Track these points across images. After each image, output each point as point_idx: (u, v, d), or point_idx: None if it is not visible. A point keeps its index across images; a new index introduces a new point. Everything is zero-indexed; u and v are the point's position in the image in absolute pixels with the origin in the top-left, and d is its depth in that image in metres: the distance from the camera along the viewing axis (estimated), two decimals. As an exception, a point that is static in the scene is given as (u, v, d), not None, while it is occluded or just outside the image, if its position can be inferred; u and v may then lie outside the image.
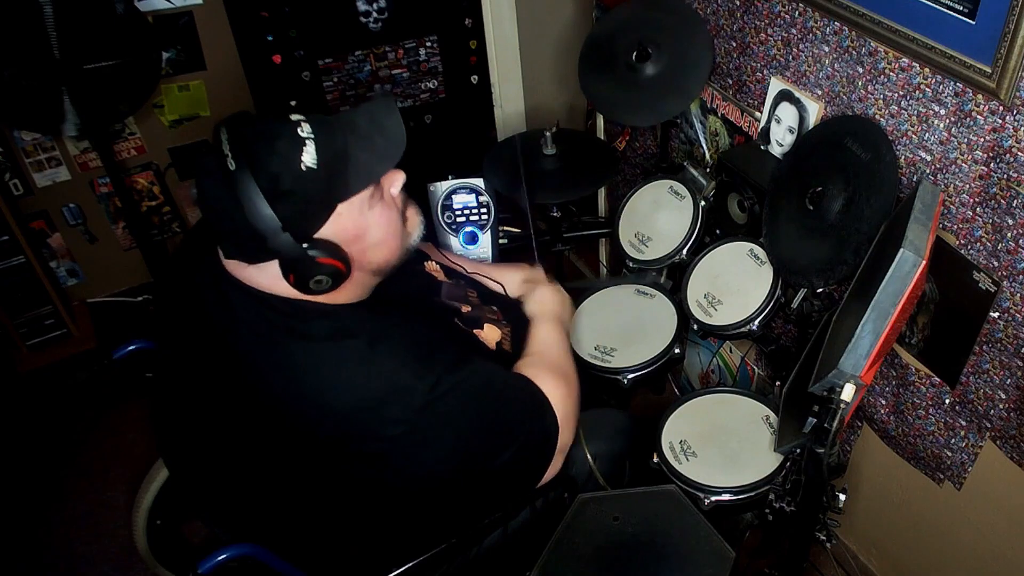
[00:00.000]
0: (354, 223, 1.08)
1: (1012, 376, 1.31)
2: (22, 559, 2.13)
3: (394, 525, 1.24)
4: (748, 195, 1.66)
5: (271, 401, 1.08)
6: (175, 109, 2.54)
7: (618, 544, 1.28)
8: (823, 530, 1.42)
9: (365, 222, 1.09)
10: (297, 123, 1.02)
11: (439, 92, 2.72)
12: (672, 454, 1.55)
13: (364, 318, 1.13)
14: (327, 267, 1.04)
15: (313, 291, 1.05)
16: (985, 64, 1.15)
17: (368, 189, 1.08)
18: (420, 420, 1.08)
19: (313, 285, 1.05)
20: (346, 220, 1.07)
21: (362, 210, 1.08)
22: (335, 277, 1.06)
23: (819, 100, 1.53)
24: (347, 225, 1.07)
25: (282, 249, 1.00)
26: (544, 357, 1.34)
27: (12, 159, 2.40)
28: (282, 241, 1.00)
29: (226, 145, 0.99)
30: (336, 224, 1.06)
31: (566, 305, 1.53)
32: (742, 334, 1.62)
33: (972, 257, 1.29)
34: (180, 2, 2.36)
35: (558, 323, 1.45)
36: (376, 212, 1.11)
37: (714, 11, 1.76)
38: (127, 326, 2.74)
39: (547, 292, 1.50)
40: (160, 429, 1.31)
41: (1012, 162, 1.17)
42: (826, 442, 1.12)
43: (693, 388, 2.29)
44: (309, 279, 1.04)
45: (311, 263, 1.02)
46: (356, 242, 1.09)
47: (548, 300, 1.49)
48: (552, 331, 1.42)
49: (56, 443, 2.42)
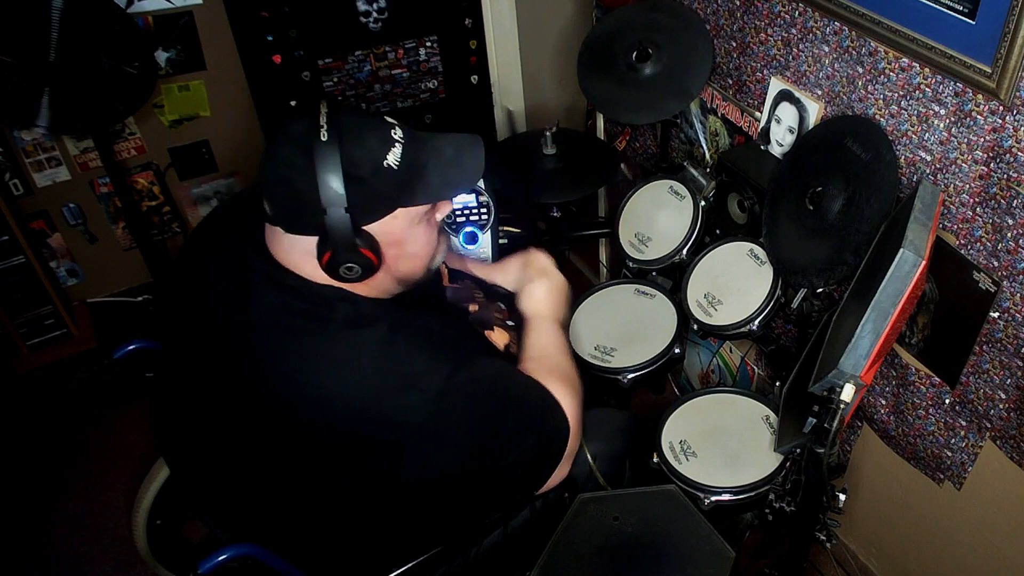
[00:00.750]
0: (401, 230, 1.14)
1: (1012, 376, 1.31)
2: (22, 559, 2.13)
3: (397, 524, 1.24)
4: (748, 195, 1.66)
5: (282, 392, 1.08)
6: (175, 109, 2.54)
7: (618, 544, 1.28)
8: (823, 530, 1.42)
9: (411, 233, 1.16)
10: (392, 126, 1.11)
11: (439, 92, 2.72)
12: (672, 454, 1.55)
13: (384, 308, 1.17)
14: (363, 257, 1.09)
15: (340, 276, 1.10)
16: (985, 64, 1.15)
17: (427, 206, 1.16)
18: (436, 409, 1.09)
19: (343, 271, 1.09)
20: (397, 224, 1.13)
21: (413, 222, 1.15)
22: (366, 269, 1.10)
23: (819, 100, 1.53)
24: (395, 229, 1.13)
25: (333, 227, 1.05)
26: (547, 363, 1.33)
27: (12, 159, 2.40)
28: (337, 219, 1.04)
29: (324, 118, 1.04)
30: (388, 224, 1.12)
31: (562, 297, 1.48)
32: (742, 334, 1.62)
33: (972, 257, 1.29)
34: (180, 2, 2.36)
35: (554, 322, 1.43)
36: (422, 228, 1.17)
37: (714, 11, 1.76)
38: (127, 326, 2.74)
39: (541, 287, 1.46)
40: (160, 428, 1.31)
41: (1012, 162, 1.17)
42: (826, 442, 1.12)
43: (693, 388, 2.30)
44: (342, 263, 1.08)
45: (353, 248, 1.07)
46: (396, 247, 1.14)
47: (542, 296, 1.45)
48: (549, 332, 1.40)
49: (56, 443, 2.42)
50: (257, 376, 1.09)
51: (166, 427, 1.30)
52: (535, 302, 1.45)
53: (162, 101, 2.50)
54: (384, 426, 1.08)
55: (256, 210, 1.14)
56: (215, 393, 1.15)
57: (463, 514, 1.31)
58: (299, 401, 1.08)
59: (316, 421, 1.09)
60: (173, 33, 2.40)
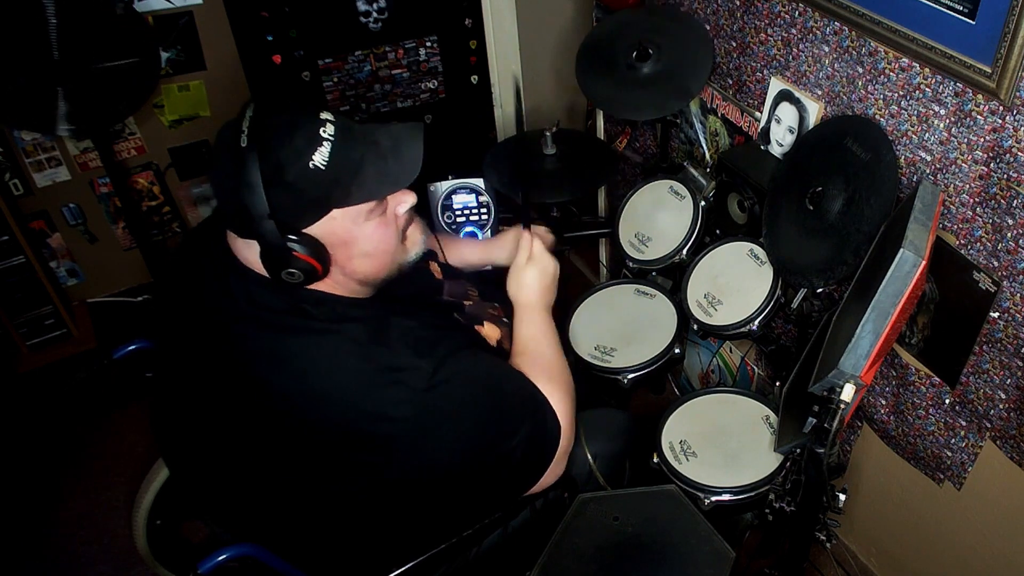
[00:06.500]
0: (345, 230, 1.09)
1: (1012, 376, 1.31)
2: (22, 558, 2.13)
3: (394, 523, 1.24)
4: (748, 195, 1.66)
5: (272, 392, 1.08)
6: (175, 109, 2.54)
7: (618, 544, 1.28)
8: (823, 530, 1.42)
9: (358, 232, 1.10)
10: (323, 122, 1.04)
11: (439, 92, 2.72)
12: (672, 454, 1.55)
13: (366, 307, 1.16)
14: (302, 263, 1.05)
15: (285, 281, 1.07)
16: (985, 64, 1.15)
17: (370, 204, 1.10)
18: (426, 401, 1.09)
19: (285, 276, 1.06)
20: (337, 225, 1.08)
21: (356, 220, 1.09)
22: (308, 274, 1.07)
23: (819, 100, 1.53)
24: (337, 229, 1.08)
25: (264, 234, 1.02)
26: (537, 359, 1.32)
27: (12, 159, 2.40)
28: (266, 227, 1.01)
29: (246, 122, 1.01)
30: (326, 226, 1.07)
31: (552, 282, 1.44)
32: (742, 334, 1.62)
33: (972, 257, 1.29)
34: (180, 2, 2.36)
35: (543, 310, 1.40)
36: (371, 225, 1.12)
37: (714, 11, 1.76)
38: (127, 326, 2.74)
39: (529, 275, 1.42)
40: (159, 427, 1.31)
41: (1012, 162, 1.17)
42: (826, 442, 1.12)
43: (693, 388, 2.30)
44: (282, 269, 1.05)
45: (287, 255, 1.04)
46: (343, 247, 1.10)
47: (530, 284, 1.41)
48: (539, 323, 1.38)
49: (56, 443, 2.42)
50: (247, 375, 1.09)
51: (165, 427, 1.30)
52: (525, 290, 1.41)
53: (162, 101, 2.50)
54: (374, 421, 1.08)
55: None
56: (211, 393, 1.15)
57: (459, 511, 1.31)
58: (289, 399, 1.08)
59: (307, 418, 1.09)
60: (173, 33, 2.40)
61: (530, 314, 1.40)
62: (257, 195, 0.99)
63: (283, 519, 1.21)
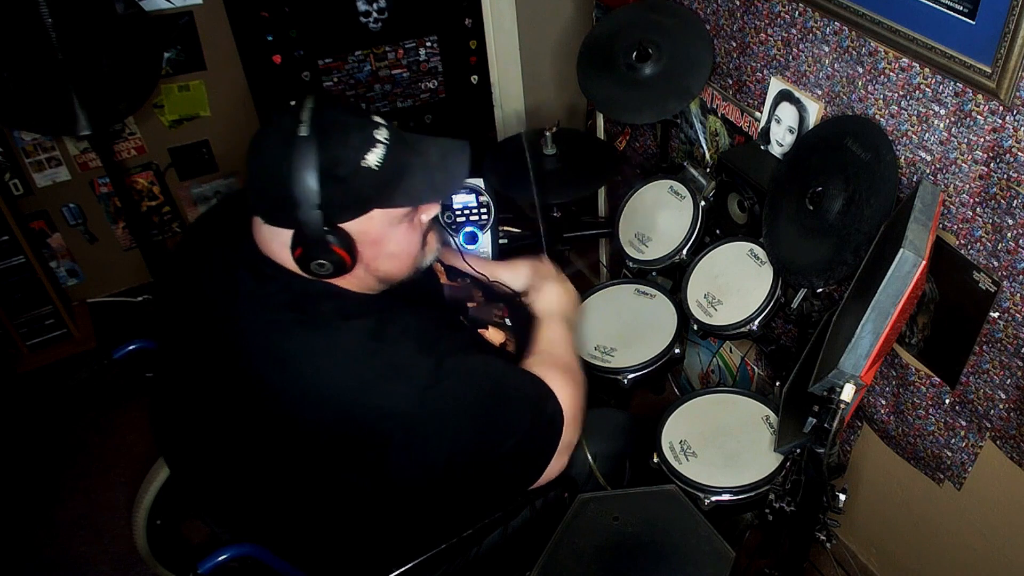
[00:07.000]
0: (378, 230, 1.12)
1: (1012, 376, 1.31)
2: (22, 558, 2.13)
3: (394, 522, 1.24)
4: (748, 195, 1.66)
5: (273, 387, 1.09)
6: (175, 109, 2.54)
7: (618, 544, 1.28)
8: (823, 530, 1.42)
9: (389, 234, 1.14)
10: (377, 125, 1.09)
11: (439, 92, 2.72)
12: (672, 454, 1.55)
13: (371, 303, 1.17)
14: (335, 255, 1.08)
15: (312, 272, 1.09)
16: (985, 64, 1.15)
17: (407, 208, 1.14)
18: (425, 398, 1.09)
19: (315, 267, 1.08)
20: (374, 224, 1.11)
21: (391, 222, 1.13)
22: (338, 267, 1.09)
23: (819, 100, 1.53)
24: (371, 229, 1.11)
25: (306, 223, 1.04)
26: (551, 355, 1.34)
27: (12, 159, 2.40)
28: (310, 216, 1.03)
29: (307, 112, 1.03)
30: (363, 224, 1.10)
31: (573, 302, 1.52)
32: (742, 334, 1.62)
33: (972, 257, 1.29)
34: (180, 2, 2.36)
35: (564, 321, 1.45)
36: (401, 229, 1.15)
37: (714, 11, 1.76)
38: (127, 326, 2.74)
39: (554, 289, 1.50)
40: (159, 427, 1.31)
41: (1012, 162, 1.17)
42: (826, 442, 1.12)
43: (693, 388, 2.30)
44: (313, 259, 1.07)
45: (324, 246, 1.06)
46: (372, 246, 1.13)
47: (555, 298, 1.48)
48: (558, 329, 1.42)
49: (56, 443, 2.42)
50: (247, 370, 1.10)
51: (165, 427, 1.30)
52: (551, 301, 1.47)
53: (162, 101, 2.50)
54: (374, 417, 1.08)
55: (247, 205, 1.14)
56: (211, 391, 1.16)
57: (460, 508, 1.31)
58: (288, 394, 1.09)
59: (306, 414, 1.09)
60: (173, 33, 2.40)
61: (553, 321, 1.42)
62: (310, 184, 1.02)
63: (283, 519, 1.22)
